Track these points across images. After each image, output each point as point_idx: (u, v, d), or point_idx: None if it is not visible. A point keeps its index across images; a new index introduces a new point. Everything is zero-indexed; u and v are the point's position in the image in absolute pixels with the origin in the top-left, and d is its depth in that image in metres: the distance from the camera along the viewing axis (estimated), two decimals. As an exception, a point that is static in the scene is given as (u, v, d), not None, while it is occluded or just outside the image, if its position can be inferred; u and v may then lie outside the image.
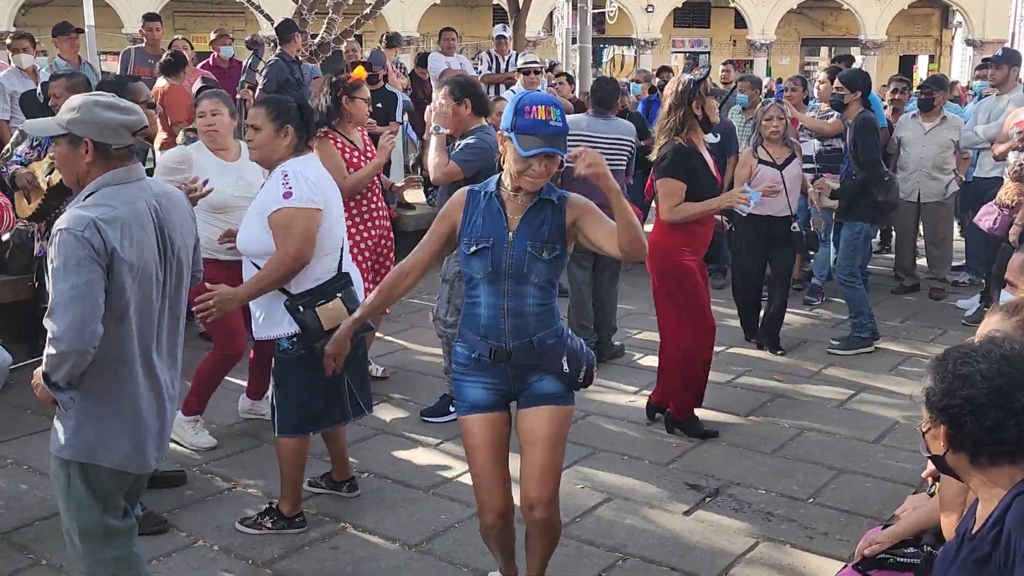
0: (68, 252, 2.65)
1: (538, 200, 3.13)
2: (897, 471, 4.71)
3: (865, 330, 6.71)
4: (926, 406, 2.13)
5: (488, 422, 3.21)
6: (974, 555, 2.12)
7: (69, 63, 8.46)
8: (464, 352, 3.23)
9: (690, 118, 4.93)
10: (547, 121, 2.99)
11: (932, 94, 8.06)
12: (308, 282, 3.90)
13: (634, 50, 31.88)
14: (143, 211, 2.84)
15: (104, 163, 2.82)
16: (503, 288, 3.13)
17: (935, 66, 32.17)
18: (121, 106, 2.84)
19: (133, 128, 2.83)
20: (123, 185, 2.83)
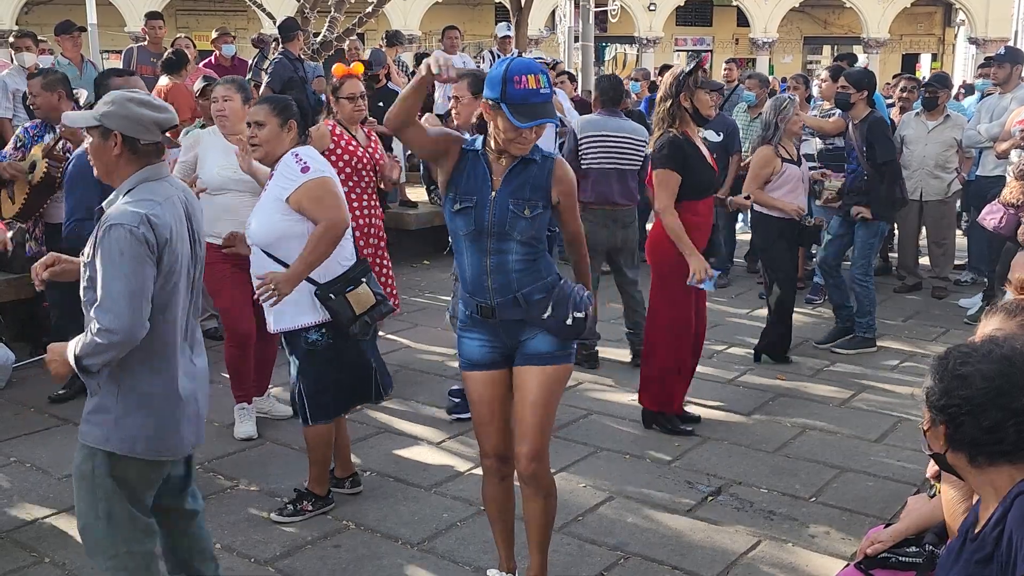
0: (123, 248, 2.70)
1: (520, 160, 3.21)
2: (899, 470, 4.71)
3: (871, 330, 6.70)
4: (926, 405, 2.14)
5: (484, 380, 3.35)
6: (976, 555, 2.12)
7: (71, 62, 8.47)
8: (462, 309, 3.38)
9: (679, 110, 4.91)
10: (537, 90, 3.07)
11: (936, 93, 8.05)
12: (335, 268, 3.98)
13: (636, 48, 31.87)
14: (178, 205, 2.91)
15: (132, 158, 2.88)
16: (485, 246, 3.22)
17: (937, 64, 32.13)
18: (155, 104, 2.90)
19: (164, 126, 2.89)
20: (159, 181, 2.90)
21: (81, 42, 8.96)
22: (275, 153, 4.01)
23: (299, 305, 3.96)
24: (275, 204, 3.93)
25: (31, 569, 3.80)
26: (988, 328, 2.63)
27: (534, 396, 3.30)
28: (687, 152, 4.93)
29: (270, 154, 4.02)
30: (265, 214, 3.96)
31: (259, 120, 3.97)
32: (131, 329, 2.71)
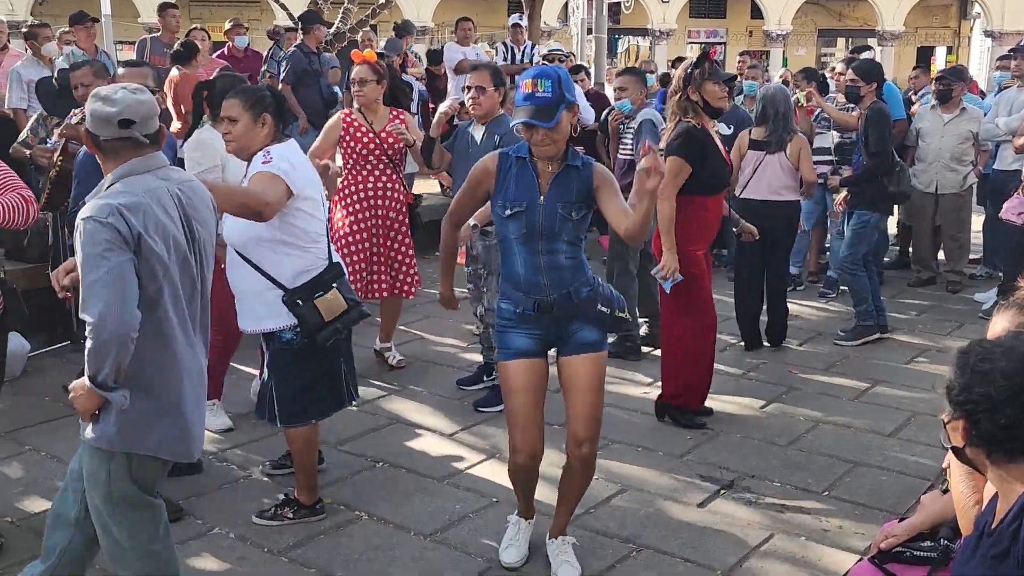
0: (94, 239, 2.68)
1: (565, 166, 3.44)
2: (913, 464, 4.70)
3: (869, 318, 6.68)
4: (947, 398, 2.13)
5: (529, 367, 3.51)
6: (993, 550, 2.11)
7: (85, 52, 8.49)
8: (508, 308, 3.53)
9: (689, 103, 4.88)
10: (532, 93, 3.31)
11: (950, 85, 7.99)
12: (303, 275, 3.90)
13: (649, 41, 31.75)
14: (166, 198, 2.86)
15: (101, 153, 2.86)
16: (537, 247, 3.44)
17: (953, 57, 31.92)
18: (110, 98, 2.82)
19: (112, 119, 2.80)
20: (144, 174, 2.86)
21: (95, 33, 8.98)
22: (249, 148, 3.88)
23: (270, 307, 3.89)
24: None
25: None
26: (1001, 323, 2.62)
27: (588, 382, 3.54)
28: (703, 145, 4.88)
29: (244, 149, 3.89)
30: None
31: (231, 115, 3.86)
32: (117, 316, 2.64)
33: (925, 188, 8.03)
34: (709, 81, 4.85)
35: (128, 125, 2.82)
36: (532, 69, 3.42)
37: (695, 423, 5.12)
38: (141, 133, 2.84)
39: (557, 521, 3.78)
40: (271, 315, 3.91)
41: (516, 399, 3.53)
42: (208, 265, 3.04)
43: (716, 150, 4.96)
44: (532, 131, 3.34)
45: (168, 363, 2.87)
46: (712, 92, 4.86)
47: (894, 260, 9.04)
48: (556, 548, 3.75)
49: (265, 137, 3.89)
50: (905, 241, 9.06)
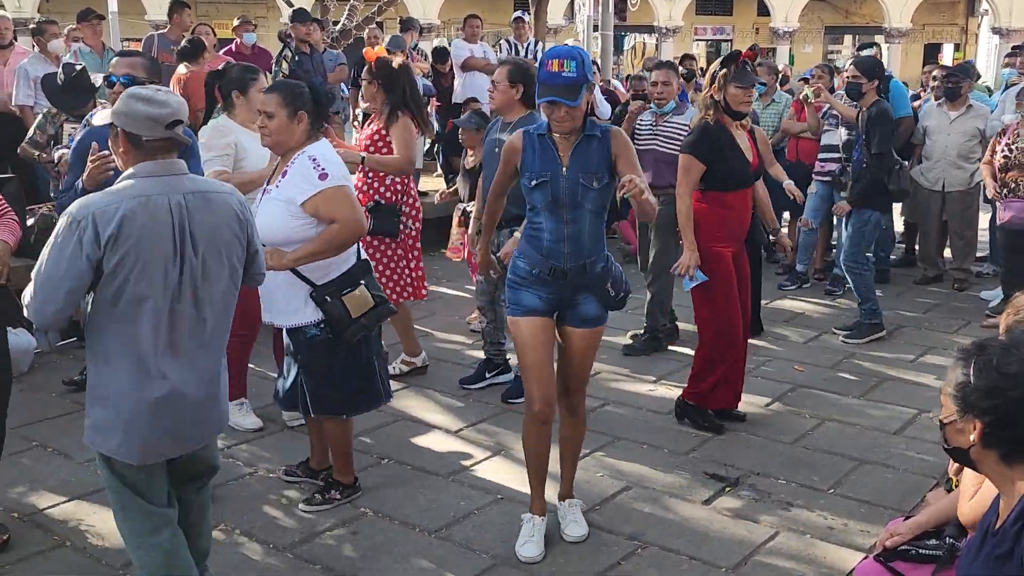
0: (61, 235, 2.77)
1: (584, 136, 3.65)
2: (918, 462, 4.69)
3: (875, 316, 6.67)
4: (956, 400, 2.09)
5: (539, 324, 3.74)
6: (997, 550, 2.10)
7: (92, 49, 8.51)
8: (525, 267, 3.74)
9: (711, 101, 4.88)
10: (559, 72, 3.51)
11: (959, 82, 7.96)
12: (334, 271, 3.92)
13: (655, 38, 31.70)
14: (159, 206, 2.84)
15: (137, 153, 2.88)
16: (563, 216, 3.66)
17: (960, 54, 31.82)
18: (155, 100, 2.87)
19: (163, 121, 2.85)
20: (148, 178, 2.87)
21: (101, 30, 8.99)
22: (285, 144, 3.89)
23: (297, 303, 3.91)
24: (287, 205, 3.84)
25: (52, 552, 3.84)
26: (1011, 320, 2.61)
27: (586, 352, 3.86)
28: (718, 141, 4.86)
29: (280, 144, 3.91)
30: (274, 214, 3.85)
31: (269, 110, 3.87)
32: (40, 313, 2.81)
33: (932, 186, 8.01)
34: (732, 84, 4.83)
35: (176, 125, 2.89)
36: (557, 48, 3.68)
37: (713, 425, 5.06)
38: (178, 134, 2.91)
39: (564, 484, 4.04)
40: (297, 311, 3.93)
41: (529, 353, 3.74)
42: (213, 276, 2.97)
43: (735, 148, 4.91)
44: (554, 108, 3.56)
45: (127, 370, 2.87)
46: (734, 95, 4.84)
47: (900, 258, 9.03)
48: (564, 510, 4.01)
49: (302, 134, 3.90)
50: (911, 239, 9.04)
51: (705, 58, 29.29)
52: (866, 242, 6.71)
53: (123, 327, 2.85)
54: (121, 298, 2.82)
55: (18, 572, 3.70)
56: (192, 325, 2.95)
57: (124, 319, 2.84)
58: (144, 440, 2.92)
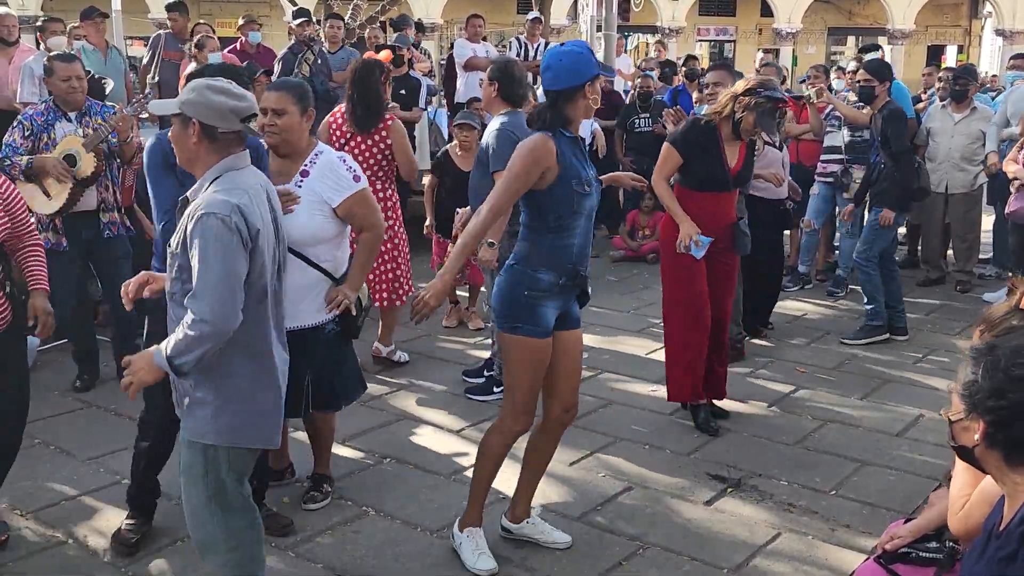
0: (217, 236, 2.71)
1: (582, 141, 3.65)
2: (921, 464, 4.69)
3: (879, 318, 6.66)
4: (964, 398, 2.10)
5: (550, 342, 3.62)
6: (1001, 552, 2.10)
7: (96, 48, 8.51)
8: (549, 279, 3.54)
9: (730, 107, 4.89)
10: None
11: (967, 84, 7.95)
12: (343, 266, 4.01)
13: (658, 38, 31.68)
14: (262, 196, 2.92)
15: (211, 146, 2.87)
16: (592, 220, 3.63)
17: (964, 56, 31.77)
18: (234, 92, 2.89)
19: (241, 114, 2.87)
20: (242, 171, 2.91)
21: (105, 28, 8.99)
22: (294, 143, 3.88)
23: (318, 302, 3.91)
24: (320, 206, 3.84)
25: (55, 549, 3.84)
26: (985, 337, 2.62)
27: (578, 354, 3.77)
28: (702, 141, 4.92)
29: (289, 143, 3.88)
30: (310, 215, 3.83)
31: (278, 108, 3.84)
32: (226, 318, 2.72)
33: (935, 188, 7.99)
34: (754, 116, 4.87)
35: (251, 119, 2.90)
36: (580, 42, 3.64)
37: (708, 426, 5.06)
38: (248, 128, 2.93)
39: (525, 502, 3.92)
40: (320, 308, 3.93)
41: (539, 373, 3.63)
42: (285, 257, 3.11)
43: (715, 151, 4.94)
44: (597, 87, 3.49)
45: (265, 358, 2.95)
46: (748, 123, 4.89)
47: (903, 260, 9.02)
48: (538, 525, 3.93)
49: (307, 132, 3.93)
50: (914, 241, 9.04)
51: (708, 58, 29.28)
52: (881, 241, 6.71)
53: (262, 316, 2.92)
54: (260, 288, 2.88)
55: (20, 569, 3.70)
56: (281, 314, 3.09)
57: (263, 308, 2.92)
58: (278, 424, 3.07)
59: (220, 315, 2.71)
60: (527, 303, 3.53)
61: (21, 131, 5.26)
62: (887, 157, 6.55)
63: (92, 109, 5.42)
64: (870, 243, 6.66)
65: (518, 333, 3.56)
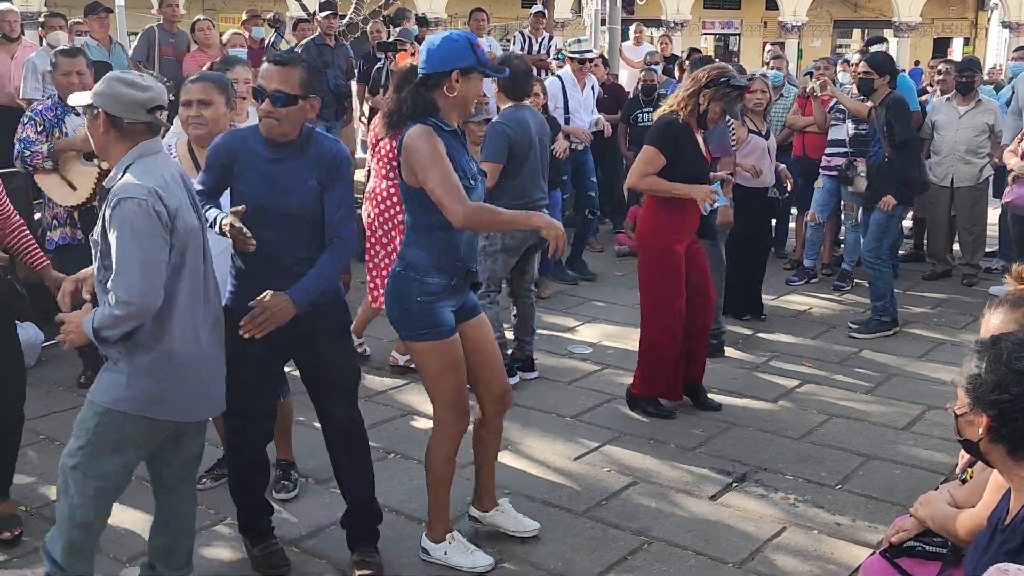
0: (134, 220, 2.81)
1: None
2: (927, 459, 4.67)
3: (886, 314, 6.65)
4: (968, 392, 2.09)
5: (459, 339, 3.56)
6: (1006, 546, 2.10)
7: (100, 43, 8.51)
8: (441, 281, 3.47)
9: (693, 103, 4.87)
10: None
11: (973, 76, 7.91)
12: None
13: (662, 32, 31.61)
14: (178, 177, 3.02)
15: (119, 136, 2.96)
16: None
17: (970, 48, 31.67)
18: (140, 84, 2.97)
19: (147, 105, 2.94)
20: (155, 156, 3.00)
21: (109, 23, 8.99)
22: (219, 135, 3.81)
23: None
24: None
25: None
26: (994, 320, 2.60)
27: (491, 336, 3.76)
28: (682, 138, 4.90)
29: (215, 134, 3.79)
30: None
31: (204, 99, 3.82)
32: (146, 299, 2.82)
33: (940, 181, 7.97)
34: (719, 104, 4.89)
35: (158, 110, 2.96)
36: (466, 33, 3.54)
37: (662, 412, 5.13)
38: (158, 118, 2.99)
39: (489, 491, 3.92)
40: None
41: (460, 371, 3.57)
42: (206, 238, 3.14)
43: (695, 146, 4.95)
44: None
45: (181, 335, 2.99)
46: (713, 112, 4.91)
47: (909, 253, 8.99)
48: (507, 513, 3.91)
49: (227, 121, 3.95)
50: (920, 234, 9.01)
51: (713, 52, 29.20)
52: (889, 237, 6.68)
53: (179, 294, 2.98)
54: (178, 266, 2.94)
55: (26, 564, 3.70)
56: (211, 298, 3.13)
57: (180, 287, 2.98)
58: (190, 395, 3.09)
59: (140, 296, 2.80)
60: (422, 309, 3.47)
61: (34, 127, 5.27)
62: (889, 148, 6.53)
63: None
64: (878, 240, 6.64)
65: (423, 340, 3.49)
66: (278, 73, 3.30)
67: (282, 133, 3.36)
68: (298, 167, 3.37)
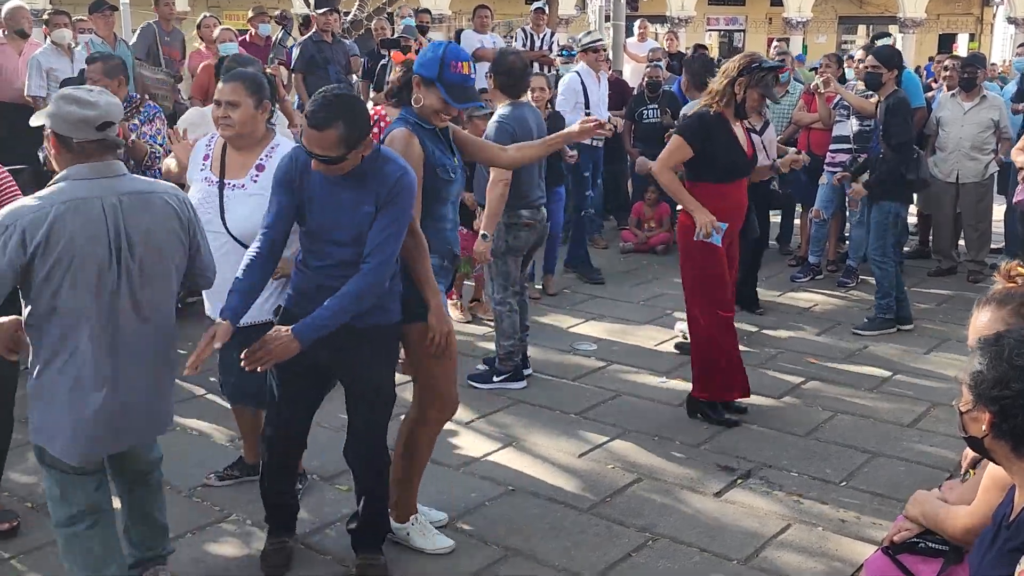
0: None
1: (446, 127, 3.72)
2: (932, 455, 4.67)
3: (891, 311, 6.64)
4: (971, 389, 2.09)
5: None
6: (1010, 543, 2.09)
7: (104, 40, 8.52)
8: (434, 262, 3.57)
9: (729, 92, 4.82)
10: (469, 76, 3.55)
11: (975, 72, 7.89)
12: (291, 264, 3.87)
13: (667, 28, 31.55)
14: (92, 209, 2.83)
15: (69, 155, 2.86)
16: (457, 204, 3.74)
17: (975, 44, 31.58)
18: (85, 101, 2.83)
19: (92, 123, 2.82)
20: (79, 181, 2.85)
21: (113, 21, 8.99)
22: (253, 135, 3.81)
23: (273, 297, 3.76)
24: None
25: (65, 542, 3.85)
26: (982, 319, 2.60)
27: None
28: (714, 130, 4.84)
29: (244, 136, 3.79)
30: (256, 205, 3.65)
31: (232, 100, 3.75)
32: None
33: (946, 177, 7.95)
34: (758, 89, 4.87)
35: (107, 127, 2.84)
36: (455, 47, 3.59)
37: (725, 420, 5.03)
38: (111, 135, 2.86)
39: (413, 499, 3.84)
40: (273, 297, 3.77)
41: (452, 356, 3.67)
42: (152, 276, 2.97)
43: (731, 138, 4.89)
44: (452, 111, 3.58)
45: (59, 370, 2.91)
46: (751, 98, 4.88)
47: (914, 250, 8.97)
48: (422, 526, 3.83)
49: (263, 125, 3.87)
50: (925, 231, 8.99)
51: (717, 48, 29.16)
52: (890, 235, 6.67)
53: (61, 333, 2.87)
54: (58, 304, 2.83)
55: (30, 561, 3.71)
56: (135, 328, 2.96)
57: (62, 325, 2.86)
58: (85, 443, 2.97)
59: None
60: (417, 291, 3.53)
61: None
62: (886, 147, 6.52)
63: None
64: (882, 237, 6.63)
65: (422, 320, 3.52)
66: (315, 139, 3.13)
67: (341, 172, 3.23)
68: (356, 191, 3.24)
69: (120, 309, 2.91)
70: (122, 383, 2.97)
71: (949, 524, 2.57)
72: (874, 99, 7.36)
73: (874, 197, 6.65)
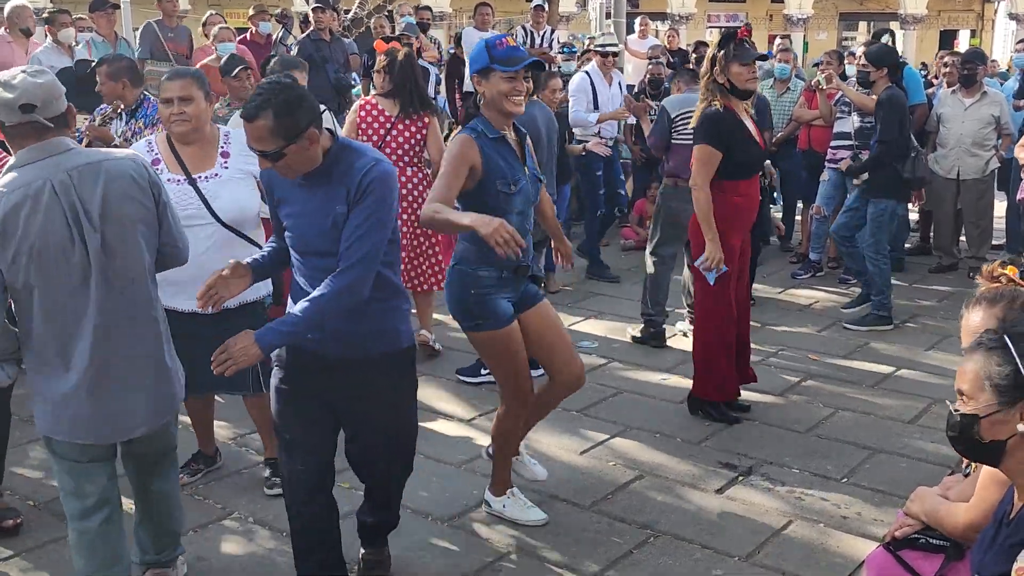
0: None
1: (518, 134, 3.72)
2: (933, 452, 4.67)
3: (884, 309, 6.64)
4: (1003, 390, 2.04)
5: (517, 327, 3.71)
6: (1011, 540, 2.09)
7: (106, 39, 8.52)
8: (490, 274, 3.62)
9: (715, 86, 4.76)
10: (516, 47, 3.57)
11: (975, 68, 7.89)
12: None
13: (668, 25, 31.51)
14: (41, 192, 2.80)
15: (14, 141, 2.86)
16: (528, 214, 3.70)
17: (976, 41, 31.53)
18: (6, 83, 2.80)
19: (13, 104, 2.78)
20: (25, 167, 2.84)
21: (115, 19, 9.00)
22: (204, 128, 3.90)
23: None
24: (247, 180, 3.89)
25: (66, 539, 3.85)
26: (974, 319, 2.60)
27: (557, 320, 3.92)
28: (729, 128, 4.77)
29: (199, 130, 3.87)
30: (246, 192, 3.88)
31: (185, 96, 3.79)
32: None
33: (946, 174, 7.95)
34: (735, 63, 4.72)
35: (30, 110, 2.79)
36: (493, 36, 3.68)
37: (728, 417, 5.02)
38: (44, 117, 2.81)
39: (507, 474, 4.04)
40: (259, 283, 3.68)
41: (519, 357, 3.73)
42: (118, 245, 2.91)
43: (745, 132, 4.83)
44: (515, 84, 3.52)
45: (43, 354, 2.93)
46: (738, 74, 4.72)
47: (915, 246, 8.97)
48: (519, 499, 4.03)
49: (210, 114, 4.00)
50: (926, 227, 8.99)
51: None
52: (884, 232, 6.67)
53: (33, 313, 2.88)
54: (34, 294, 2.84)
55: (34, 559, 3.73)
56: (114, 305, 2.92)
57: (31, 305, 2.87)
58: (81, 420, 2.97)
59: None
60: (477, 300, 3.63)
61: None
62: (880, 143, 6.54)
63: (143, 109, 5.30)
64: (875, 235, 6.64)
65: (482, 330, 3.68)
66: (248, 132, 2.95)
67: (297, 173, 3.03)
68: (325, 191, 3.02)
69: (93, 284, 2.88)
70: (111, 361, 2.95)
71: (950, 520, 2.57)
72: (874, 97, 7.36)
73: (871, 193, 6.65)
